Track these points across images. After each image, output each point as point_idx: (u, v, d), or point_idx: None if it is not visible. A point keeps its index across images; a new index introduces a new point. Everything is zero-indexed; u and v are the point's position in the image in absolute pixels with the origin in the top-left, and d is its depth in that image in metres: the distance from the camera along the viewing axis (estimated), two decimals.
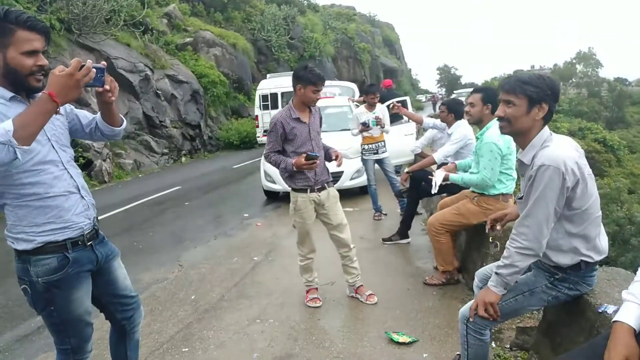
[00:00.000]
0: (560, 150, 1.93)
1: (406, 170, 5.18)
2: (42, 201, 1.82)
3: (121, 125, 2.09)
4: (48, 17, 11.69)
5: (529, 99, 1.95)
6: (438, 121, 5.57)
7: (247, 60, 21.41)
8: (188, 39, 18.86)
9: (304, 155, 3.36)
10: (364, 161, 6.39)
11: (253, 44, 22.94)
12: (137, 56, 14.70)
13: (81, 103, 11.30)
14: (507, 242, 2.05)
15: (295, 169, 3.42)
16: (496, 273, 2.06)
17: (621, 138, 31.36)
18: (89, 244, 1.96)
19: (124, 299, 2.16)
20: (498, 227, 2.68)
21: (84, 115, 2.10)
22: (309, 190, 3.54)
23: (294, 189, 3.59)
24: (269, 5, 25.50)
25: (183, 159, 15.50)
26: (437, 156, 4.78)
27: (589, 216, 1.99)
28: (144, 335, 3.42)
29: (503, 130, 2.08)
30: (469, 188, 3.87)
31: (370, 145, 6.19)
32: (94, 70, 1.67)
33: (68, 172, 1.92)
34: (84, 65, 1.62)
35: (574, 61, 73.24)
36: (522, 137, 2.04)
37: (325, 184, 3.62)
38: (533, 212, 1.94)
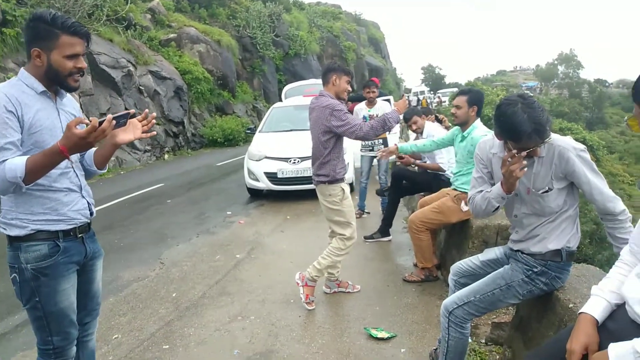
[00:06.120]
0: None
1: (415, 164, 5.20)
2: (43, 192, 1.87)
3: (101, 170, 2.15)
4: (27, 11, 11.49)
5: None
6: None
7: (232, 57, 21.28)
8: (172, 35, 18.68)
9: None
10: (361, 157, 6.45)
11: (238, 40, 22.79)
12: (119, 52, 14.53)
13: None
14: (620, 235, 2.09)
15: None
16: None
17: (600, 138, 32.09)
18: (80, 235, 2.00)
19: (89, 303, 2.15)
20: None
21: None
22: (345, 178, 3.71)
23: (336, 180, 3.62)
24: (254, 2, 25.32)
25: (166, 156, 15.38)
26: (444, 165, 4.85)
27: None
28: (124, 333, 3.44)
29: None
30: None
31: (367, 142, 6.22)
32: (114, 122, 1.70)
33: (75, 171, 1.99)
34: (103, 121, 1.64)
35: (555, 62, 74.50)
36: None
37: None
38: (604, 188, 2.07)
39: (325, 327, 3.40)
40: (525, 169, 2.02)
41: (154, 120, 1.99)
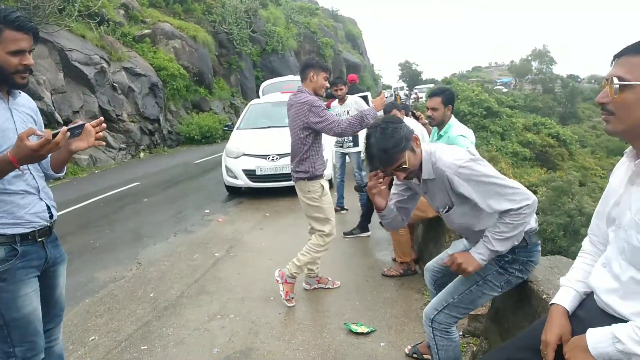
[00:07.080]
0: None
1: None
2: None
3: (59, 174, 2.08)
4: None
5: None
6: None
7: (208, 54, 21.01)
8: (146, 31, 18.33)
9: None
10: (334, 153, 6.50)
11: (214, 36, 22.49)
12: (92, 48, 14.19)
13: (34, 97, 10.83)
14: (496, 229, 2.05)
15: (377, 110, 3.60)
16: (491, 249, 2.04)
17: (573, 133, 32.83)
18: (39, 239, 1.91)
19: (52, 310, 2.07)
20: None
21: None
22: (324, 175, 3.71)
23: (315, 176, 3.61)
24: None
25: (142, 154, 15.12)
26: None
27: None
28: (101, 334, 3.38)
29: None
30: None
31: (337, 138, 6.25)
32: (69, 133, 1.67)
33: (31, 172, 1.90)
34: (57, 133, 1.59)
35: (529, 58, 75.82)
36: None
37: None
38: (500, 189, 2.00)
39: (306, 323, 3.41)
40: (383, 187, 2.22)
41: (104, 124, 1.91)
